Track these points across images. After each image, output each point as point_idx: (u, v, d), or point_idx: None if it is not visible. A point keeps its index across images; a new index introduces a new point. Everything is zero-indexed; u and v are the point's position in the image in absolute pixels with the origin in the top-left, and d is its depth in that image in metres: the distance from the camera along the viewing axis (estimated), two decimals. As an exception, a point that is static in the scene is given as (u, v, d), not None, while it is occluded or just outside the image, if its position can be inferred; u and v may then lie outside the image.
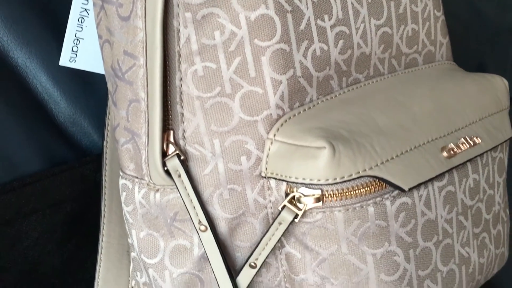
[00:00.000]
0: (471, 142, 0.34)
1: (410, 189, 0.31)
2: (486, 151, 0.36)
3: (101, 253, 0.40)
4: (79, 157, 0.42)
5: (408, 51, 0.38)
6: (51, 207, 0.39)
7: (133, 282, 0.37)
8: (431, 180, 0.32)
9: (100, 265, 0.40)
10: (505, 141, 0.38)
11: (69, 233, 0.41)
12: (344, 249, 0.30)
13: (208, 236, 0.31)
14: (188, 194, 0.31)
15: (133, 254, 0.36)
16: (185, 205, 0.31)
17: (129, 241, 0.35)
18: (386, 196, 0.30)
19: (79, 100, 0.42)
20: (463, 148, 0.34)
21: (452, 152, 0.33)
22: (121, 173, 0.34)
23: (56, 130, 0.42)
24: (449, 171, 0.33)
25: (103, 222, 0.40)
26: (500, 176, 0.39)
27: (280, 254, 0.32)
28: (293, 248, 0.31)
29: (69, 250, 0.42)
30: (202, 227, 0.31)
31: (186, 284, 0.33)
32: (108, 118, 0.40)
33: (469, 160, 0.35)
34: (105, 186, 0.40)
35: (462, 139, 0.34)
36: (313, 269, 0.31)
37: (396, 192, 0.30)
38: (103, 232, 0.40)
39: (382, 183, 0.30)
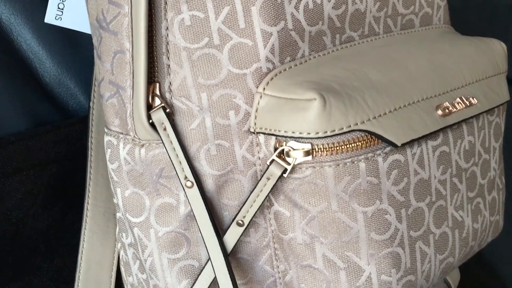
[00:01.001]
0: (467, 102, 0.33)
1: (403, 146, 0.30)
2: (482, 113, 0.35)
3: (87, 215, 0.39)
4: (65, 119, 0.41)
5: (405, 12, 0.37)
6: (35, 168, 0.38)
7: (119, 244, 0.36)
8: (425, 138, 0.31)
9: (85, 228, 0.39)
10: (502, 104, 0.37)
11: (54, 196, 0.40)
12: (334, 206, 0.29)
13: (195, 192, 0.30)
14: (174, 149, 0.30)
15: (118, 215, 0.35)
16: (171, 160, 0.30)
17: (114, 201, 0.34)
18: (378, 152, 0.29)
19: (65, 60, 0.41)
20: (458, 108, 0.33)
21: (447, 110, 0.32)
22: (106, 130, 0.33)
23: (42, 91, 0.41)
24: (444, 131, 0.32)
25: (89, 184, 0.39)
26: (496, 141, 0.38)
27: (269, 213, 0.31)
28: (282, 206, 0.30)
29: (55, 213, 0.41)
30: (188, 183, 0.30)
31: (171, 242, 0.32)
32: (95, 79, 0.39)
33: (465, 121, 0.34)
34: (91, 148, 0.39)
35: (458, 99, 0.33)
36: (302, 228, 0.30)
37: (388, 148, 0.29)
38: (88, 194, 0.39)
39: (374, 138, 0.29)
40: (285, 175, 0.29)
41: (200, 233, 0.30)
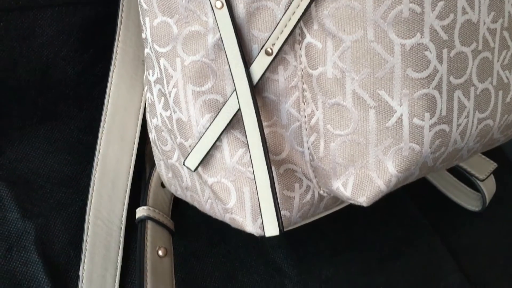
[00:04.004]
0: None
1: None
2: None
3: (115, 58, 0.38)
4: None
5: None
6: (68, 6, 0.38)
7: (146, 87, 0.36)
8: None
9: (113, 71, 0.38)
10: None
11: (86, 41, 0.40)
12: (370, 35, 0.27)
13: (224, 14, 0.29)
14: (206, -37, 0.28)
15: (146, 50, 0.34)
16: (202, -23, 0.28)
17: (143, 35, 0.33)
18: (424, -23, 0.27)
19: None
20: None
21: None
22: (138, -46, 0.32)
23: None
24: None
25: (119, 28, 0.38)
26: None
27: (300, 49, 0.29)
28: (314, 37, 0.29)
29: (85, 61, 0.41)
30: (218, 3, 0.29)
31: (197, 73, 0.31)
32: None
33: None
34: (124, -8, 0.38)
35: None
36: (334, 61, 0.28)
37: (436, -25, 0.27)
38: (118, 38, 0.38)
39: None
40: (320, -6, 0.27)
41: (227, 58, 0.29)
